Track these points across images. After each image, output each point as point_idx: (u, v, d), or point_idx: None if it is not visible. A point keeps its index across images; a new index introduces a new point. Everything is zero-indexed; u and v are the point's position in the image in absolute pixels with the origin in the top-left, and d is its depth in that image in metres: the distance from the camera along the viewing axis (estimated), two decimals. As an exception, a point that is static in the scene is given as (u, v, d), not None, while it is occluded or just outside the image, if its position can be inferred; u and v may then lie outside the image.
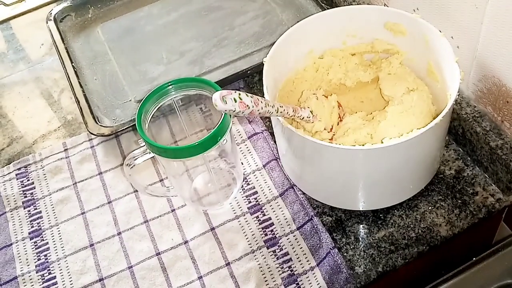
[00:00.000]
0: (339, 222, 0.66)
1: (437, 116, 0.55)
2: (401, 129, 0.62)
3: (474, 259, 0.58)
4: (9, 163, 0.80)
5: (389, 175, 0.61)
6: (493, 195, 0.66)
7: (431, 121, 0.55)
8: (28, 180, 0.77)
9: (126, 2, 0.99)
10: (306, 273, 0.63)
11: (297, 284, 0.62)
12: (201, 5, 0.95)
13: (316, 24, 0.68)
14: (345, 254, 0.64)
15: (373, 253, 0.63)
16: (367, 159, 0.58)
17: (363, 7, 0.69)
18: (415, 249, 0.63)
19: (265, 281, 0.63)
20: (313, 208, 0.68)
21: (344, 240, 0.65)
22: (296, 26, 0.67)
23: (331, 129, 0.68)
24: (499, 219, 0.71)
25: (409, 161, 0.60)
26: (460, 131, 0.69)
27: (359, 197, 0.64)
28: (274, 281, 0.63)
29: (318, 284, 0.62)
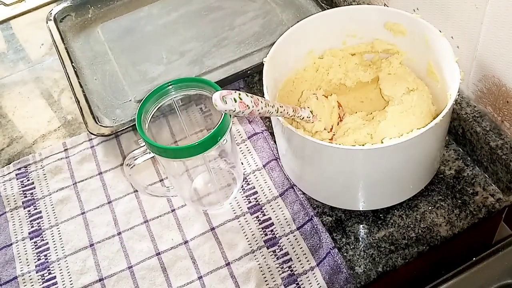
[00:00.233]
0: (339, 222, 0.66)
1: (437, 116, 0.55)
2: (401, 129, 0.62)
3: (474, 259, 0.58)
4: (9, 163, 0.80)
5: (389, 175, 0.61)
6: (493, 195, 0.66)
7: (431, 121, 0.55)
8: (28, 180, 0.77)
9: (126, 2, 0.99)
10: (306, 273, 0.63)
11: (297, 284, 0.62)
12: (201, 5, 0.95)
13: (316, 24, 0.68)
14: (345, 254, 0.64)
15: (373, 253, 0.63)
16: (367, 159, 0.58)
17: (363, 7, 0.69)
18: (415, 249, 0.63)
19: (265, 281, 0.63)
20: (313, 208, 0.67)
21: (344, 240, 0.65)
22: (296, 26, 0.67)
23: (331, 129, 0.68)
24: (499, 219, 0.71)
25: (409, 161, 0.60)
26: (460, 131, 0.69)
27: (359, 197, 0.64)
28: (274, 281, 0.63)
29: (318, 284, 0.62)
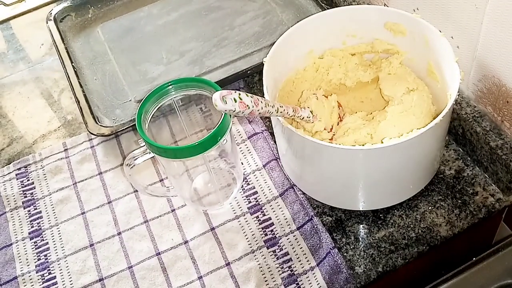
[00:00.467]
0: (339, 222, 0.66)
1: (437, 116, 0.55)
2: (401, 129, 0.62)
3: (474, 259, 0.58)
4: (9, 163, 0.80)
5: (389, 175, 0.61)
6: (493, 195, 0.66)
7: (431, 121, 0.55)
8: (28, 180, 0.77)
9: (126, 2, 0.99)
10: (306, 273, 0.63)
11: (297, 284, 0.62)
12: (201, 5, 0.95)
13: (316, 24, 0.68)
14: (345, 254, 0.64)
15: (373, 253, 0.63)
16: (367, 159, 0.58)
17: (363, 7, 0.69)
18: (415, 249, 0.63)
19: (265, 281, 0.63)
20: (313, 208, 0.67)
21: (344, 240, 0.65)
22: (296, 26, 0.67)
23: (331, 129, 0.68)
24: (499, 219, 0.71)
25: (409, 161, 0.60)
26: (460, 131, 0.69)
27: (359, 197, 0.64)
28: (274, 281, 0.63)
29: (318, 284, 0.62)
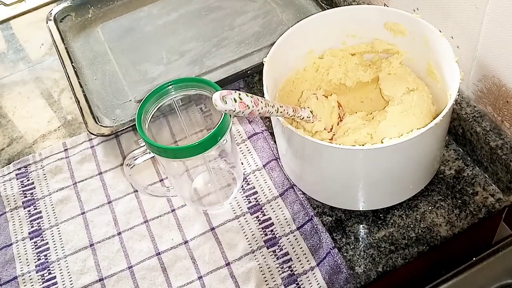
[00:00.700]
0: (339, 222, 0.66)
1: (437, 116, 0.55)
2: (401, 129, 0.62)
3: (474, 259, 0.58)
4: (9, 163, 0.80)
5: (389, 175, 0.61)
6: (493, 195, 0.66)
7: (431, 121, 0.55)
8: (28, 180, 0.77)
9: (126, 2, 0.99)
10: (306, 273, 0.63)
11: (297, 284, 0.62)
12: (201, 5, 0.95)
13: (316, 24, 0.68)
14: (345, 254, 0.64)
15: (373, 253, 0.63)
16: (367, 159, 0.58)
17: (363, 7, 0.69)
18: (415, 249, 0.63)
19: (265, 281, 0.63)
20: (313, 208, 0.67)
21: (344, 240, 0.65)
22: (296, 26, 0.67)
23: (331, 129, 0.68)
24: (499, 219, 0.71)
25: (409, 161, 0.60)
26: (460, 131, 0.69)
27: (359, 197, 0.64)
28: (274, 281, 0.63)
29: (318, 284, 0.62)
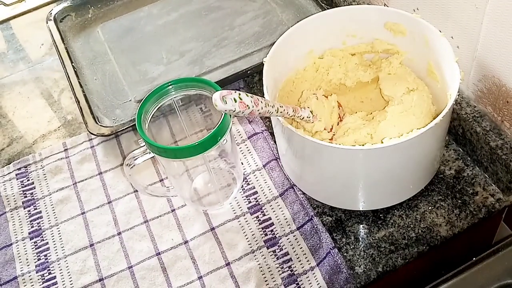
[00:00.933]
0: (339, 222, 0.66)
1: (437, 116, 0.55)
2: (401, 129, 0.62)
3: (474, 259, 0.58)
4: (9, 163, 0.80)
5: (389, 175, 0.61)
6: (493, 195, 0.66)
7: (431, 121, 0.55)
8: (28, 180, 0.77)
9: (126, 2, 0.99)
10: (306, 273, 0.63)
11: (297, 284, 0.62)
12: (201, 5, 0.95)
13: (316, 24, 0.68)
14: (345, 254, 0.64)
15: (373, 253, 0.63)
16: (367, 159, 0.58)
17: (363, 7, 0.69)
18: (415, 249, 0.63)
19: (265, 281, 0.63)
20: (313, 208, 0.67)
21: (344, 240, 0.65)
22: (296, 26, 0.67)
23: (331, 129, 0.68)
24: (499, 219, 0.71)
25: (409, 161, 0.60)
26: (460, 131, 0.69)
27: (359, 197, 0.64)
28: (274, 281, 0.63)
29: (318, 284, 0.62)
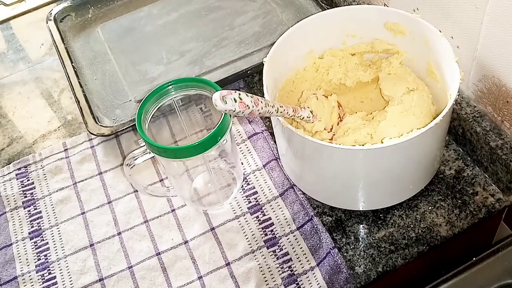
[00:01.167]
0: (339, 222, 0.66)
1: (437, 116, 0.55)
2: (401, 129, 0.62)
3: (474, 259, 0.58)
4: (9, 163, 0.80)
5: (389, 175, 0.61)
6: (493, 195, 0.66)
7: (431, 121, 0.55)
8: (28, 180, 0.77)
9: (126, 2, 0.99)
10: (306, 273, 0.63)
11: (297, 284, 0.62)
12: (201, 5, 0.95)
13: (316, 24, 0.68)
14: (345, 254, 0.64)
15: (373, 253, 0.63)
16: (367, 159, 0.58)
17: (363, 7, 0.69)
18: (415, 249, 0.63)
19: (265, 281, 0.63)
20: (313, 208, 0.67)
21: (344, 240, 0.65)
22: (296, 26, 0.67)
23: (331, 129, 0.68)
24: (499, 219, 0.71)
25: (409, 161, 0.60)
26: (460, 131, 0.69)
27: (359, 197, 0.64)
28: (274, 281, 0.63)
29: (318, 284, 0.62)
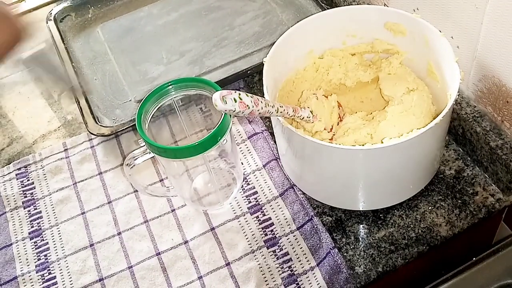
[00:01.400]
0: (339, 222, 0.66)
1: (437, 116, 0.55)
2: (401, 129, 0.62)
3: (474, 259, 0.58)
4: (9, 163, 0.80)
5: (389, 175, 0.61)
6: (493, 195, 0.66)
7: (431, 121, 0.55)
8: (28, 180, 0.77)
9: (126, 2, 0.99)
10: (306, 273, 0.63)
11: (297, 284, 0.62)
12: (201, 5, 0.95)
13: (316, 24, 0.68)
14: (345, 254, 0.64)
15: (373, 253, 0.63)
16: (367, 159, 0.58)
17: (363, 7, 0.69)
18: (415, 249, 0.63)
19: (265, 281, 0.63)
20: (313, 208, 0.67)
21: (344, 240, 0.65)
22: (296, 26, 0.67)
23: (331, 129, 0.68)
24: (499, 219, 0.71)
25: (409, 161, 0.60)
26: (460, 131, 0.69)
27: (359, 197, 0.64)
28: (274, 281, 0.63)
29: (318, 284, 0.62)
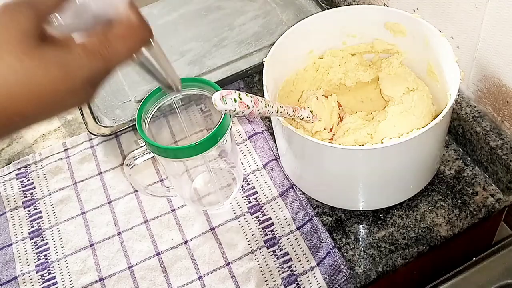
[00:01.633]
0: (339, 222, 0.66)
1: (437, 116, 0.55)
2: (401, 129, 0.62)
3: (474, 259, 0.58)
4: (9, 163, 0.80)
5: (389, 175, 0.61)
6: (493, 195, 0.66)
7: (431, 121, 0.55)
8: (28, 180, 0.77)
9: (126, 2, 0.99)
10: (306, 273, 0.63)
11: (297, 284, 0.62)
12: (201, 5, 0.95)
13: (316, 24, 0.68)
14: (345, 254, 0.64)
15: (373, 253, 0.63)
16: (367, 159, 0.58)
17: (363, 7, 0.69)
18: (415, 249, 0.63)
19: (265, 281, 0.63)
20: (313, 208, 0.67)
21: (344, 240, 0.65)
22: (296, 26, 0.67)
23: (331, 129, 0.68)
24: (499, 219, 0.71)
25: (409, 161, 0.60)
26: (460, 131, 0.69)
27: (359, 197, 0.64)
28: (274, 281, 0.63)
29: (318, 284, 0.62)
